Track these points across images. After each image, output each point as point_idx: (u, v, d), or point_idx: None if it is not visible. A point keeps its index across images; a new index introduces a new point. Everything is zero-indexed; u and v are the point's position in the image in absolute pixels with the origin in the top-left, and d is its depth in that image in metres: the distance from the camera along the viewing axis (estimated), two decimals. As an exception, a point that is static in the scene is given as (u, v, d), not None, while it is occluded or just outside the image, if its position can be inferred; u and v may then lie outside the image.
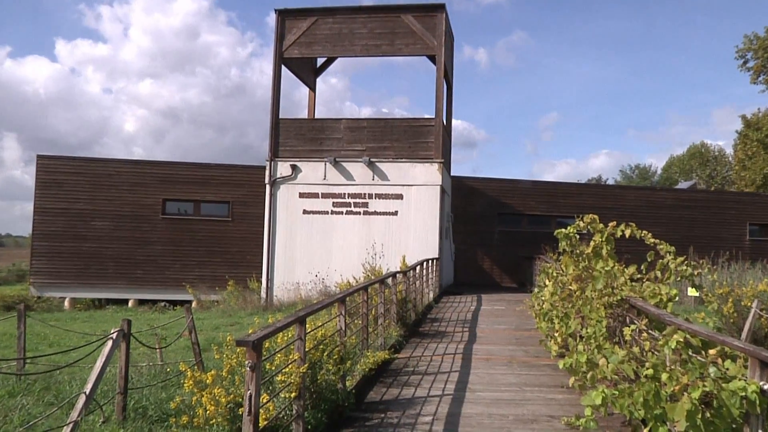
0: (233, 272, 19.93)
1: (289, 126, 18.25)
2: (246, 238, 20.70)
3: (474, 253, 23.18)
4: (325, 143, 17.96)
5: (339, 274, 16.05)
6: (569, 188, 24.07)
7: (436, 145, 17.27)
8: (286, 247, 17.71)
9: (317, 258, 17.44)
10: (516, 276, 22.63)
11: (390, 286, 9.95)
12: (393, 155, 17.57)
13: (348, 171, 17.65)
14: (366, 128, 17.85)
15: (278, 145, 18.11)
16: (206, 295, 19.02)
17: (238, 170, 21.46)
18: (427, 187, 17.16)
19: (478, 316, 12.45)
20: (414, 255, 16.06)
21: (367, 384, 6.68)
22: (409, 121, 17.90)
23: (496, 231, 23.19)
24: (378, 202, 17.39)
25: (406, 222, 17.18)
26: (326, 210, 17.61)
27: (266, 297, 17.44)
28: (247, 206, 20.91)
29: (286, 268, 17.67)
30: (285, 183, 17.93)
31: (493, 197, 23.26)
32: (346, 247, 17.39)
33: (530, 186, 23.74)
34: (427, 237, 17.00)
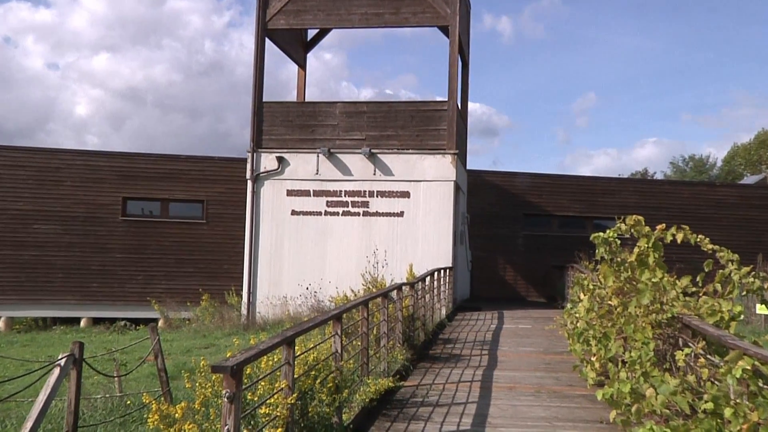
0: (208, 284, 19.98)
1: (274, 111, 18.30)
2: (223, 244, 20.75)
3: (494, 262, 23.19)
4: (318, 131, 18.00)
5: (334, 287, 16.07)
6: (609, 184, 24.09)
7: (450, 133, 17.31)
8: (272, 255, 17.75)
9: (308, 267, 17.48)
10: (544, 289, 22.61)
11: (394, 301, 9.97)
12: (398, 145, 17.60)
13: (345, 164, 17.69)
14: (366, 113, 17.89)
15: (262, 133, 18.16)
16: (175, 312, 19.07)
17: (214, 163, 21.50)
18: (438, 183, 17.19)
19: (499, 337, 12.45)
20: (423, 264, 16.08)
21: (368, 418, 6.68)
22: (417, 105, 17.94)
23: (521, 235, 23.20)
24: (380, 201, 17.42)
25: (414, 225, 17.21)
26: (319, 210, 17.65)
27: (247, 314, 17.47)
28: (225, 206, 20.96)
29: (271, 279, 17.70)
30: (270, 178, 17.98)
31: (518, 195, 23.28)
32: (342, 254, 17.42)
33: (562, 181, 23.75)
34: (439, 242, 17.03)
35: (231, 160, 21.55)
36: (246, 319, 17.25)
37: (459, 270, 18.94)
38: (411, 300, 10.92)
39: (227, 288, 19.12)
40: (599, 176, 27.02)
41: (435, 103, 17.84)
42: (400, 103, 18.29)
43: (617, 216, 7.36)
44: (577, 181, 24.11)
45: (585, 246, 16.35)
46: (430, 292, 13.28)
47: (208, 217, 21.07)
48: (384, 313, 8.94)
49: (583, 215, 23.26)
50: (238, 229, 19.65)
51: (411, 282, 11.41)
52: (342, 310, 6.82)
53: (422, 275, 12.80)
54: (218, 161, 21.60)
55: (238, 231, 19.65)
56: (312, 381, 5.57)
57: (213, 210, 21.10)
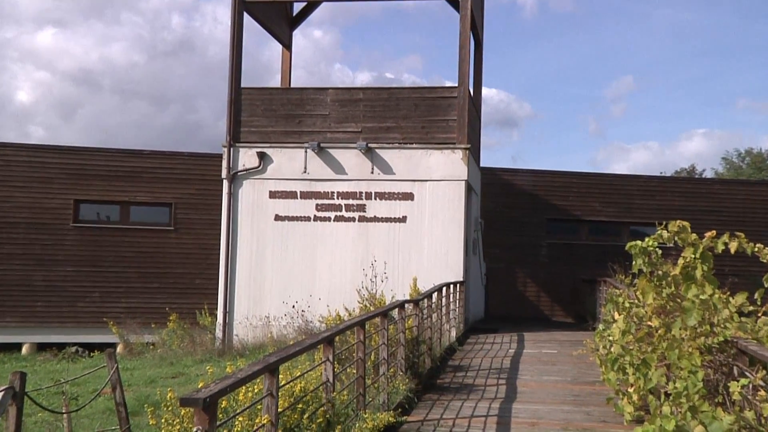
0: (176, 302, 19.99)
1: (255, 98, 18.36)
2: (195, 255, 20.77)
3: (513, 275, 23.22)
4: (306, 122, 18.05)
5: (325, 305, 16.08)
6: (648, 184, 24.15)
7: (460, 124, 17.38)
8: (252, 268, 17.78)
9: (295, 282, 17.51)
10: (572, 307, 22.63)
11: (396, 321, 10.00)
12: (400, 139, 17.66)
13: (337, 161, 17.74)
14: (362, 101, 17.95)
15: (240, 124, 18.21)
16: (137, 336, 19.06)
17: (184, 160, 21.54)
18: (447, 183, 17.25)
19: (519, 364, 12.47)
20: (429, 277, 16.11)
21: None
22: (422, 91, 18.01)
23: (545, 244, 23.24)
24: (379, 205, 17.46)
25: (419, 232, 17.26)
26: (308, 215, 17.71)
27: (223, 337, 17.50)
28: (197, 210, 21.00)
29: (251, 296, 17.73)
30: (250, 177, 18.03)
31: (541, 197, 23.34)
32: (335, 266, 17.45)
33: (593, 181, 23.80)
34: (448, 252, 17.07)
35: (204, 157, 21.57)
36: (221, 343, 17.26)
37: (471, 285, 18.96)
38: (415, 320, 10.95)
39: (199, 306, 19.14)
40: (637, 174, 27.03)
41: (443, 89, 17.90)
42: (403, 89, 18.34)
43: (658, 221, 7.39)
44: (611, 180, 24.16)
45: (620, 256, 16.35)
46: (438, 311, 13.31)
47: (177, 222, 21.11)
48: (384, 336, 8.98)
49: (617, 220, 23.30)
50: (212, 237, 19.67)
51: (415, 299, 11.44)
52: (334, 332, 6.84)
53: (428, 291, 12.84)
54: (188, 157, 21.63)
55: (212, 239, 19.66)
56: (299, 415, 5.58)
57: (182, 215, 21.13)
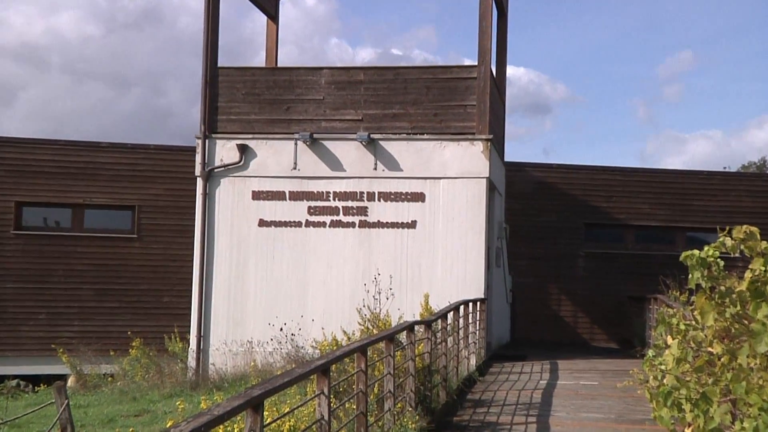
0: (140, 325, 20.08)
1: (234, 80, 18.45)
2: (162, 268, 20.85)
3: (544, 292, 23.24)
4: (296, 109, 18.12)
5: (319, 327, 16.15)
6: (709, 181, 24.19)
7: (481, 110, 17.42)
8: (232, 283, 17.85)
9: (283, 300, 17.58)
10: (616, 329, 22.65)
11: (404, 347, 10.04)
12: (408, 128, 17.71)
13: (334, 155, 17.79)
14: (364, 83, 18.01)
15: (217, 111, 18.30)
16: (93, 366, 19.11)
17: (150, 154, 21.65)
18: (465, 182, 17.30)
19: (552, 398, 12.48)
20: (443, 294, 16.16)
21: None
22: (435, 71, 18.07)
23: (582, 253, 23.28)
24: (384, 207, 17.52)
25: (431, 239, 17.31)
26: (298, 220, 17.76)
27: (197, 366, 17.57)
28: (165, 214, 21.09)
29: (231, 317, 17.79)
30: (229, 175, 18.09)
31: (578, 197, 23.38)
32: (331, 281, 17.52)
33: (641, 178, 23.84)
34: (466, 264, 17.12)
35: (173, 150, 21.68)
36: (195, 374, 17.33)
37: (495, 303, 18.99)
38: (427, 345, 10.99)
39: (168, 330, 19.18)
40: (695, 170, 27.08)
41: (460, 68, 17.97)
42: (412, 69, 18.41)
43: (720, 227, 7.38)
44: (664, 177, 24.23)
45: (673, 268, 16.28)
46: (454, 334, 13.36)
47: (141, 229, 21.20)
48: (389, 364, 9.02)
49: (671, 225, 23.37)
50: (184, 246, 19.75)
51: (427, 320, 11.47)
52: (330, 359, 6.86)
53: (442, 311, 12.89)
54: (155, 151, 21.74)
55: (184, 249, 19.74)
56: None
57: (147, 219, 21.22)
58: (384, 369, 9.13)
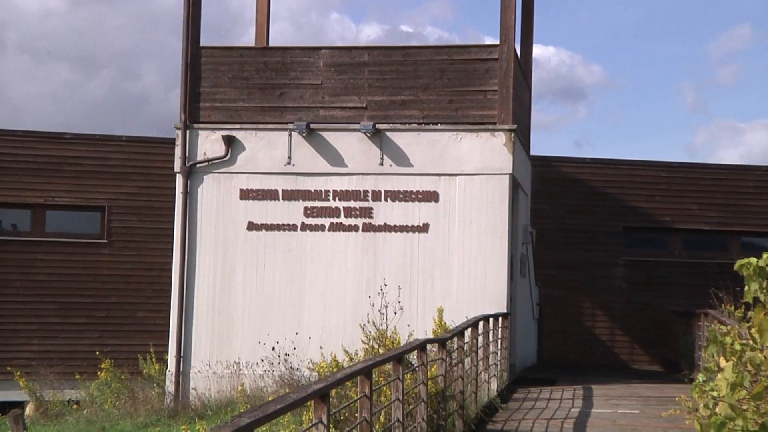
0: (110, 344, 20.10)
1: (219, 61, 18.46)
2: (136, 278, 20.84)
3: (577, 305, 23.20)
4: (291, 95, 18.16)
5: (317, 346, 16.18)
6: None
7: (503, 96, 17.44)
8: (217, 295, 17.87)
9: (276, 315, 17.60)
10: (660, 349, 22.59)
11: (415, 369, 10.03)
12: (419, 117, 17.75)
13: (334, 148, 17.83)
14: (368, 66, 18.03)
15: (199, 98, 18.32)
16: (55, 391, 19.09)
17: (122, 147, 21.62)
18: (484, 179, 17.33)
19: (585, 429, 12.46)
20: (460, 308, 16.19)
21: None
22: (450, 52, 18.08)
23: (621, 262, 23.21)
24: (391, 208, 17.55)
25: (445, 245, 17.33)
26: (293, 222, 17.78)
27: (176, 391, 17.57)
28: (140, 216, 21.09)
29: (215, 334, 17.81)
30: (213, 171, 18.12)
31: (616, 197, 23.33)
32: (330, 293, 17.53)
33: (689, 174, 23.76)
34: (486, 274, 17.15)
35: (149, 142, 21.69)
36: (173, 400, 17.32)
37: (519, 319, 19.00)
38: (441, 367, 10.97)
39: (142, 349, 19.10)
40: (752, 165, 27.04)
41: (480, 48, 17.96)
42: (424, 49, 18.41)
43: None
44: (716, 173, 24.15)
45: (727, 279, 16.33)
46: (473, 355, 13.35)
47: (111, 233, 21.20)
48: (397, 389, 8.99)
49: (724, 229, 23.28)
50: (161, 253, 19.78)
51: (441, 338, 11.45)
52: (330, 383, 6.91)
53: (459, 327, 12.84)
54: (128, 143, 21.73)
55: (161, 256, 19.76)
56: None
57: (119, 222, 21.21)
58: (391, 394, 9.04)
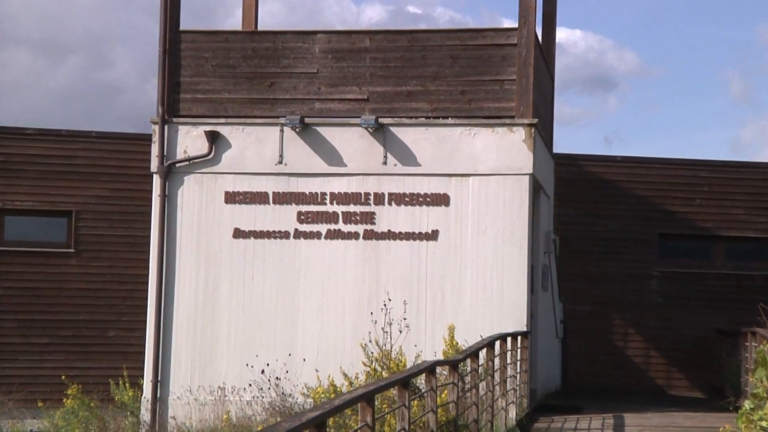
0: (78, 367, 20.14)
1: (202, 47, 18.49)
2: (107, 293, 20.85)
3: (606, 322, 23.20)
4: (282, 85, 18.20)
5: (312, 369, 16.23)
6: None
7: (523, 86, 17.46)
8: (199, 312, 17.90)
9: (266, 334, 17.63)
10: (701, 373, 22.54)
11: (422, 394, 10.05)
12: (428, 110, 17.80)
13: (331, 145, 17.86)
14: (370, 52, 18.06)
15: (179, 88, 18.37)
16: (15, 420, 19.14)
17: (91, 143, 21.63)
18: (501, 180, 17.37)
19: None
20: (473, 326, 16.24)
21: None
22: (463, 36, 18.12)
23: (656, 273, 23.17)
24: (396, 213, 17.58)
25: (457, 255, 17.36)
26: (285, 229, 17.79)
27: (152, 420, 17.58)
28: (111, 222, 21.12)
29: (197, 355, 17.84)
30: (194, 171, 18.16)
31: (650, 200, 23.31)
32: (327, 309, 17.55)
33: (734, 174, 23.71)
34: (503, 287, 17.15)
35: (122, 139, 21.73)
36: (150, 430, 17.32)
37: (541, 338, 19.01)
38: (452, 393, 10.96)
39: (114, 373, 19.02)
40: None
41: (497, 32, 17.97)
42: (433, 34, 18.39)
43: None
44: (765, 173, 24.09)
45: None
46: (488, 379, 13.34)
47: (79, 242, 21.23)
48: (403, 417, 8.98)
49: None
50: (136, 264, 19.86)
51: (452, 360, 11.45)
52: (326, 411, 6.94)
53: (472, 348, 12.76)
54: (98, 140, 21.72)
55: (136, 268, 19.83)
56: None
57: (88, 229, 21.22)
58: (396, 423, 9.00)
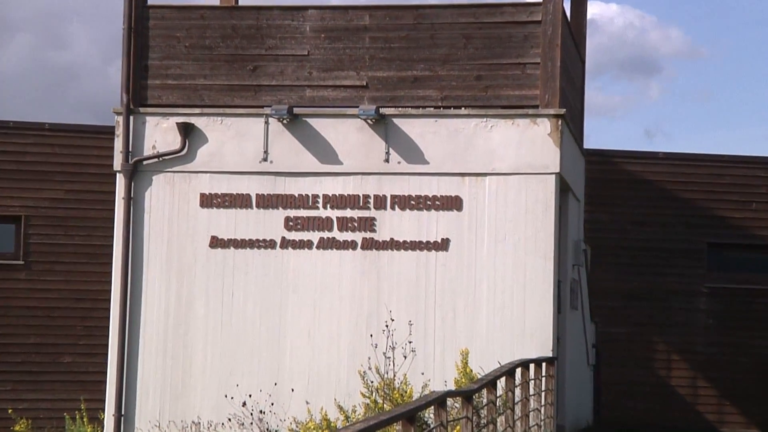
0: (28, 399, 20.23)
1: (174, 25, 18.59)
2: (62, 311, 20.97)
3: (645, 347, 23.30)
4: (267, 69, 18.33)
5: (302, 400, 16.35)
6: None
7: (548, 71, 17.55)
8: (169, 333, 17.99)
9: (248, 359, 17.74)
10: (761, 407, 22.69)
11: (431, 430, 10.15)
12: (437, 99, 17.91)
13: (324, 140, 17.97)
14: (370, 31, 18.15)
15: (146, 72, 18.49)
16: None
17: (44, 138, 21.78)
18: (522, 180, 17.47)
19: None
20: (490, 351, 16.38)
21: None
22: (478, 13, 18.16)
23: (705, 290, 23.21)
24: (400, 219, 17.68)
25: (470, 267, 17.45)
26: (270, 238, 17.92)
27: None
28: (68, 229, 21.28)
29: (167, 384, 17.92)
30: (165, 170, 18.27)
31: (698, 204, 23.35)
32: (320, 330, 17.65)
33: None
34: (524, 306, 17.24)
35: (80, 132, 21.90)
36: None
37: (569, 365, 19.08)
38: (466, 428, 11.03)
39: (70, 406, 19.19)
40: None
41: (517, 7, 18.02)
42: (443, 9, 18.41)
43: None
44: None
45: None
46: (507, 412, 13.39)
47: (29, 252, 21.39)
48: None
49: None
50: (95, 278, 20.02)
51: (465, 390, 11.50)
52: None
53: (489, 376, 12.85)
54: (52, 133, 21.88)
55: (95, 282, 19.99)
56: None
57: (40, 238, 21.37)
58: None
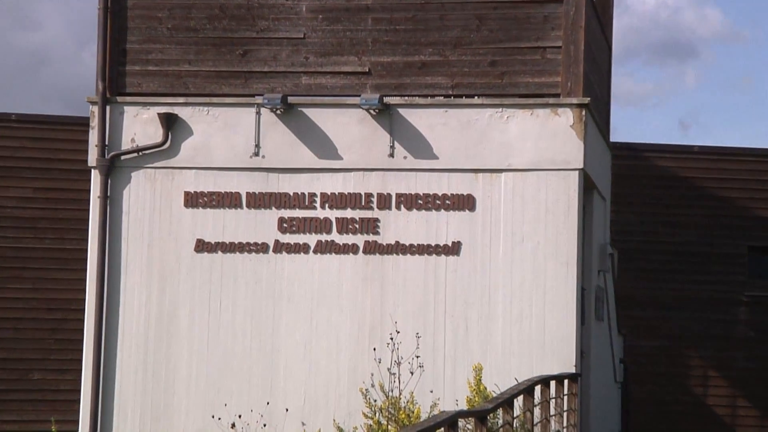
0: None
1: (155, 4, 18.64)
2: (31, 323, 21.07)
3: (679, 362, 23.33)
4: (259, 54, 18.42)
5: (298, 421, 16.41)
6: None
7: (571, 56, 17.61)
8: (150, 347, 18.05)
9: (237, 375, 17.80)
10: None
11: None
12: (447, 86, 18.03)
13: (322, 132, 18.05)
14: (372, 12, 18.19)
15: (125, 57, 18.58)
16: None
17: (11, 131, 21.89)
18: (542, 177, 17.55)
19: None
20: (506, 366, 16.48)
21: None
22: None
23: (746, 299, 23.22)
24: (406, 220, 17.77)
25: (484, 273, 17.53)
26: (263, 241, 17.99)
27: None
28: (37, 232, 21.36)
29: (148, 404, 17.98)
30: (146, 165, 18.34)
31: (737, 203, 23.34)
32: (317, 343, 17.73)
33: None
34: (544, 316, 17.30)
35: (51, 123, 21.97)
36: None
37: (595, 381, 19.12)
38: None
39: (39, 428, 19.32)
40: None
41: (533, -12, 18.17)
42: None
43: None
44: None
45: None
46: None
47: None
48: None
49: None
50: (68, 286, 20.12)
51: (479, 410, 11.57)
52: None
53: (505, 394, 12.85)
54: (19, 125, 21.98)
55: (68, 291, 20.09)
56: None
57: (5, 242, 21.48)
58: None
